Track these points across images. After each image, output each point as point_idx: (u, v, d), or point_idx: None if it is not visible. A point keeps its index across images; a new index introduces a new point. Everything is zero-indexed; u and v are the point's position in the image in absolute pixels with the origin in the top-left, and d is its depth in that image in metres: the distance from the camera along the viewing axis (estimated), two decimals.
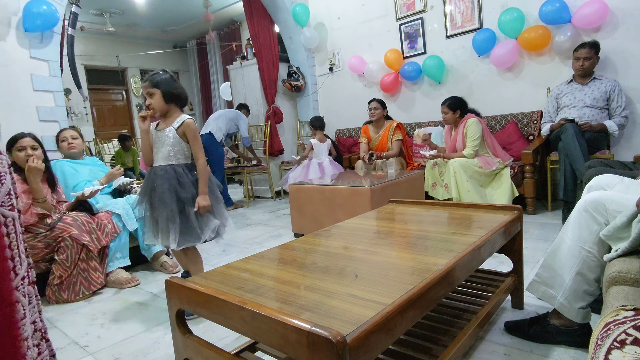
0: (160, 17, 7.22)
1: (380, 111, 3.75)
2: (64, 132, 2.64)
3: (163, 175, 1.78)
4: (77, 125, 6.69)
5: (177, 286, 1.05)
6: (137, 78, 8.44)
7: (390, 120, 3.81)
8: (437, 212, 1.77)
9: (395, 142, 3.68)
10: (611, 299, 0.94)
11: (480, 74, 3.97)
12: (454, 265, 1.07)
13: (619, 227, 1.09)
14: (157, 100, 1.79)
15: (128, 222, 2.41)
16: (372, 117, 3.76)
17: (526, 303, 1.66)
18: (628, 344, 0.63)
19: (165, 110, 1.82)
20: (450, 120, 3.18)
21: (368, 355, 0.76)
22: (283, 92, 5.42)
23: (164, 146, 1.80)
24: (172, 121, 1.82)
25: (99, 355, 1.56)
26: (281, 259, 1.28)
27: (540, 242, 2.44)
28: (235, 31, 7.70)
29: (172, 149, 1.80)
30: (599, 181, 1.44)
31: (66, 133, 2.62)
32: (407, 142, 3.84)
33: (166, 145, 1.80)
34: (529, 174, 3.10)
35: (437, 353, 1.13)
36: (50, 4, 3.19)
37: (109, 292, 2.24)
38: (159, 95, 1.79)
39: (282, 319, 0.78)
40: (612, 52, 3.17)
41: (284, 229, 3.39)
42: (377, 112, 3.74)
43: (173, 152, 1.80)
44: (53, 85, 3.36)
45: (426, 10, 4.24)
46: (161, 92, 1.78)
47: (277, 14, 5.22)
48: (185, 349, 1.08)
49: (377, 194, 2.53)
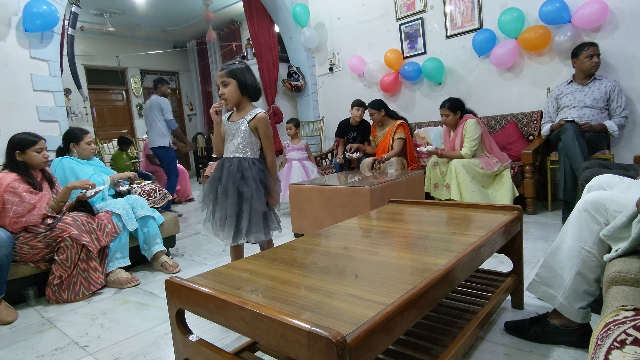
0: (160, 17, 7.22)
1: (377, 114, 3.78)
2: (89, 135, 2.69)
3: (228, 167, 1.77)
4: (77, 125, 6.70)
5: (177, 286, 1.05)
6: (137, 78, 8.45)
7: (395, 119, 3.84)
8: (437, 212, 1.77)
9: (396, 140, 3.69)
10: (611, 299, 0.94)
11: (480, 74, 3.97)
12: (454, 265, 1.07)
13: (619, 227, 1.09)
14: (231, 91, 1.75)
15: (128, 222, 2.41)
16: (374, 122, 3.86)
17: (526, 303, 1.66)
18: (628, 344, 0.63)
19: (238, 101, 1.79)
20: (452, 122, 3.17)
21: (368, 355, 0.76)
22: (283, 92, 5.43)
23: (235, 138, 1.79)
24: (244, 113, 1.79)
25: (99, 355, 1.56)
26: (281, 259, 1.28)
27: (540, 242, 2.44)
28: (235, 31, 7.70)
29: (242, 142, 1.78)
30: (599, 181, 1.43)
31: (90, 137, 2.69)
32: (411, 142, 3.84)
33: (237, 138, 1.79)
34: (529, 174, 3.10)
35: (437, 353, 1.13)
36: (50, 4, 3.19)
37: (109, 292, 2.24)
38: (234, 85, 1.75)
39: (282, 319, 0.78)
40: (612, 52, 3.17)
41: (284, 229, 3.37)
42: (374, 117, 3.81)
43: (242, 144, 1.78)
44: (53, 85, 3.36)
45: (426, 10, 4.24)
46: (237, 82, 1.75)
47: (277, 14, 5.22)
48: (185, 349, 1.08)
49: (377, 194, 2.53)
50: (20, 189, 2.05)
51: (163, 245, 2.58)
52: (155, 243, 2.53)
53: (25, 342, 1.72)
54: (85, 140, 2.64)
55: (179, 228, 2.84)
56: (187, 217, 4.33)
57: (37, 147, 2.17)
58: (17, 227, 2.05)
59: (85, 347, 1.63)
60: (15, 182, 2.05)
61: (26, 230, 2.09)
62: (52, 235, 2.10)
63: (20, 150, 2.13)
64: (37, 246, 2.10)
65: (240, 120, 1.78)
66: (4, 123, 3.07)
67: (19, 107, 3.17)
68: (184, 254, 2.91)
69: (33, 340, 1.73)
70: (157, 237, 2.55)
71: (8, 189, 2.02)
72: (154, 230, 2.54)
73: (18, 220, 2.03)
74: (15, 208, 2.02)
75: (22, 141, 2.14)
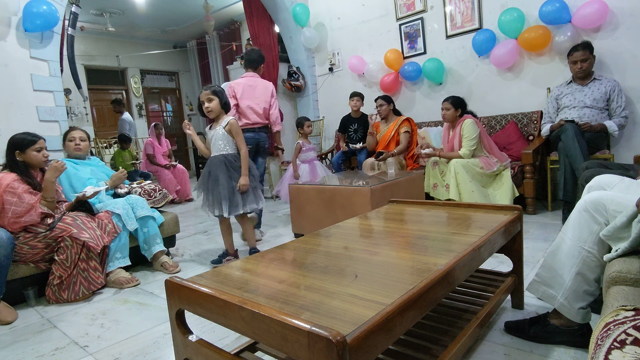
0: (160, 17, 7.22)
1: (386, 107, 3.83)
2: (73, 132, 2.62)
3: (218, 162, 2.40)
4: (77, 125, 6.69)
5: (177, 286, 1.05)
6: (137, 78, 8.45)
7: (399, 116, 3.87)
8: (437, 212, 1.77)
9: (402, 134, 3.72)
10: (611, 299, 0.94)
11: (481, 74, 3.97)
12: (454, 266, 1.07)
13: (619, 227, 1.09)
14: (215, 105, 2.38)
15: (128, 222, 2.41)
16: (380, 114, 3.87)
17: (526, 303, 1.66)
18: (628, 344, 0.63)
19: (218, 113, 2.42)
20: (450, 118, 3.17)
21: (368, 355, 0.76)
22: (283, 92, 5.42)
23: (217, 141, 2.42)
24: (222, 122, 2.42)
25: (99, 355, 1.56)
26: (281, 259, 1.28)
27: (540, 242, 2.44)
28: (235, 31, 7.70)
29: (223, 142, 2.41)
30: (599, 181, 1.43)
31: (75, 133, 2.61)
32: (416, 138, 3.86)
33: (219, 140, 2.41)
34: (529, 174, 3.10)
35: (437, 353, 1.13)
36: (50, 4, 3.19)
37: (109, 292, 2.24)
38: (217, 101, 2.39)
39: (282, 319, 0.78)
40: (612, 52, 3.17)
41: (284, 229, 3.39)
42: (382, 108, 3.83)
43: (223, 144, 2.41)
44: (53, 85, 3.36)
45: (426, 10, 4.24)
46: (218, 99, 2.39)
47: (277, 14, 5.22)
48: (185, 349, 1.08)
49: (377, 194, 2.53)
50: (19, 189, 2.05)
51: (163, 245, 2.58)
52: (155, 243, 2.53)
53: (25, 342, 1.72)
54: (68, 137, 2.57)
55: (179, 228, 2.84)
56: (187, 217, 4.34)
57: (37, 147, 2.16)
58: (17, 227, 2.05)
59: (85, 347, 1.63)
60: (14, 182, 2.05)
61: (26, 230, 2.09)
62: (52, 235, 2.10)
63: (20, 150, 2.13)
64: (37, 246, 2.10)
65: (219, 127, 2.42)
66: (4, 123, 3.06)
67: (19, 107, 3.16)
68: (184, 254, 2.91)
69: (33, 340, 1.73)
70: (157, 237, 2.55)
71: (7, 189, 2.02)
72: (154, 230, 2.54)
73: (17, 220, 2.03)
74: (14, 208, 2.02)
75: (21, 141, 2.13)
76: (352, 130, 4.30)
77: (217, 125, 2.43)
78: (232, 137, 2.41)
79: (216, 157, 2.41)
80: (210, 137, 2.46)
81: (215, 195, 2.37)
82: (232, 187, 2.38)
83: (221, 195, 2.36)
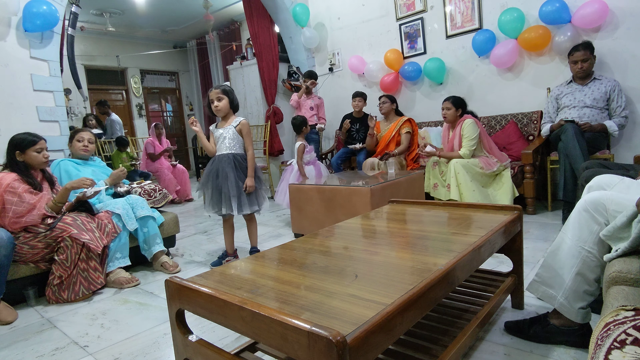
0: (160, 17, 7.22)
1: (389, 105, 3.88)
2: (82, 132, 2.62)
3: (226, 161, 2.39)
4: (76, 125, 6.70)
5: (177, 286, 1.05)
6: (137, 78, 8.44)
7: (401, 116, 3.89)
8: (437, 212, 1.77)
9: (404, 135, 3.74)
10: (611, 299, 0.94)
11: (481, 74, 3.97)
12: (454, 266, 1.07)
13: (619, 227, 1.09)
14: (224, 104, 2.38)
15: (128, 222, 2.41)
16: (381, 110, 3.91)
17: (526, 303, 1.66)
18: (628, 344, 0.63)
19: (227, 112, 2.43)
20: (451, 118, 3.17)
21: (368, 355, 0.76)
22: (283, 92, 5.42)
23: (225, 140, 2.41)
24: (231, 121, 2.44)
25: (99, 355, 1.56)
26: (281, 259, 1.28)
27: (540, 242, 2.44)
28: (235, 31, 7.70)
29: (231, 142, 2.41)
30: (599, 181, 1.43)
31: (84, 134, 2.62)
32: (417, 139, 3.87)
33: (227, 139, 2.41)
34: (529, 174, 3.10)
35: (437, 353, 1.13)
36: (50, 4, 3.19)
37: (109, 292, 2.24)
38: (226, 100, 2.39)
39: (282, 319, 0.78)
40: (612, 52, 3.17)
41: (284, 229, 3.39)
42: (384, 105, 3.89)
43: (232, 143, 2.41)
44: (53, 85, 3.36)
45: (426, 10, 4.24)
46: (228, 98, 2.40)
47: (277, 14, 5.22)
48: (185, 349, 1.08)
49: (377, 194, 2.53)
50: (20, 189, 2.05)
51: (163, 245, 2.58)
52: (155, 243, 2.53)
53: (25, 342, 1.72)
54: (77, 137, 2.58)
55: (179, 228, 2.84)
56: (187, 217, 4.34)
57: (37, 147, 2.16)
58: (17, 227, 2.05)
59: (85, 347, 1.63)
60: (15, 182, 2.05)
61: (26, 230, 2.09)
62: (52, 235, 2.10)
63: (20, 150, 2.13)
64: (37, 246, 2.10)
65: (228, 126, 2.42)
66: (4, 123, 3.07)
67: (19, 107, 3.16)
68: (184, 254, 2.91)
69: (33, 340, 1.73)
70: (157, 237, 2.55)
71: (8, 189, 2.02)
72: (154, 230, 2.54)
73: (18, 220, 2.03)
74: (15, 208, 2.02)
75: (22, 141, 2.13)
76: (354, 130, 4.30)
77: (226, 124, 2.43)
78: (242, 137, 2.43)
79: (225, 155, 2.39)
80: (217, 136, 2.44)
81: (225, 192, 2.35)
82: (240, 186, 2.38)
83: (230, 193, 2.34)
